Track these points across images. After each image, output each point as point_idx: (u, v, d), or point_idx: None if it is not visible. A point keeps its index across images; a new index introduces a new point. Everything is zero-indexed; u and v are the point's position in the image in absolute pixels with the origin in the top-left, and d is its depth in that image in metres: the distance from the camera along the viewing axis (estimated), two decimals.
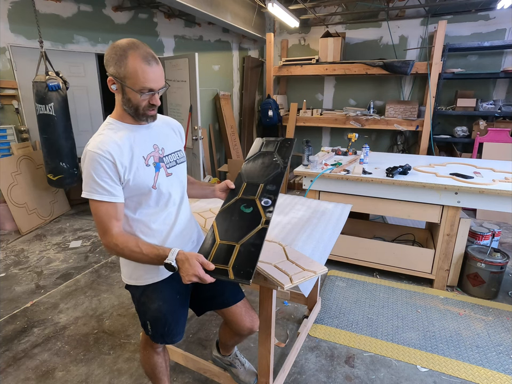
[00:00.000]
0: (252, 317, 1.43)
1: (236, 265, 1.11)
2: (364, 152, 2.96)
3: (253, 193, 1.33)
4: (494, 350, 2.04)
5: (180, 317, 1.35)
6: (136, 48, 1.06)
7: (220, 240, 1.19)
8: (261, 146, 1.55)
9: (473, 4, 4.52)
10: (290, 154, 1.46)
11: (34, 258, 3.14)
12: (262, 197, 1.30)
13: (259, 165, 1.46)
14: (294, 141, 1.52)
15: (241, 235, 1.19)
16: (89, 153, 1.08)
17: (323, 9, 5.38)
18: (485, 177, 2.53)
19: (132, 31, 4.42)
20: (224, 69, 5.88)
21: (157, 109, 1.17)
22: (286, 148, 1.49)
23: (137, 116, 1.15)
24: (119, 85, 1.10)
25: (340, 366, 1.94)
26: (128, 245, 1.10)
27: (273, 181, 1.35)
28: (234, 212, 1.28)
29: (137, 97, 1.10)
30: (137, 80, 1.06)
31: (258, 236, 1.17)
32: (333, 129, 5.95)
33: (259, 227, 1.20)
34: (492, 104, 4.48)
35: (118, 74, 1.08)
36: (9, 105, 3.62)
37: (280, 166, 1.42)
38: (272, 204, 1.27)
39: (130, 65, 1.05)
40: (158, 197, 1.20)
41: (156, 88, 1.10)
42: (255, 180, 1.39)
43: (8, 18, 3.44)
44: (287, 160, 1.43)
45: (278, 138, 1.56)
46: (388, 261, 2.76)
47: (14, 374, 1.87)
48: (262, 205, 1.27)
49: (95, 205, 1.10)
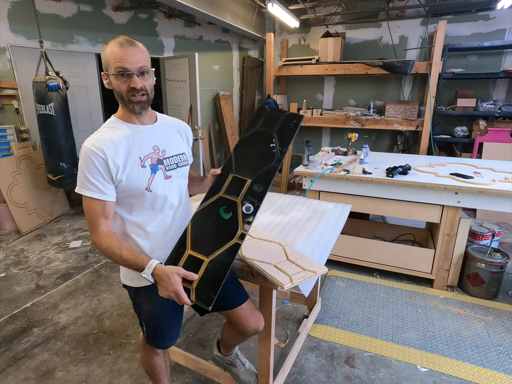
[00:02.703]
0: (257, 318, 1.41)
1: (199, 286, 1.04)
2: (363, 152, 2.96)
3: (237, 192, 1.19)
4: (494, 350, 2.04)
5: (173, 322, 1.33)
6: (116, 38, 1.11)
7: (191, 249, 1.11)
8: (263, 119, 1.33)
9: (473, 4, 4.51)
10: (292, 138, 1.25)
11: (34, 258, 3.14)
12: (245, 200, 1.16)
13: (252, 151, 1.27)
14: (301, 119, 1.29)
15: (212, 248, 1.09)
16: (83, 149, 1.10)
17: (323, 9, 5.38)
18: (485, 177, 2.53)
19: (131, 31, 4.42)
20: (224, 69, 5.88)
21: (146, 96, 1.14)
22: (289, 129, 1.27)
23: (126, 106, 1.15)
24: (106, 77, 1.14)
25: (339, 366, 1.94)
26: (110, 245, 1.10)
27: (262, 179, 1.20)
28: (212, 215, 1.17)
29: (117, 83, 1.10)
30: (112, 62, 1.09)
31: (229, 253, 1.07)
32: (333, 129, 5.95)
33: (232, 242, 1.08)
34: (492, 104, 4.47)
35: (104, 67, 1.13)
36: (9, 105, 3.62)
37: (275, 157, 1.22)
38: (253, 212, 1.13)
39: (107, 51, 1.10)
40: (153, 199, 1.19)
41: (131, 68, 1.08)
42: (243, 172, 1.22)
43: (8, 18, 3.45)
44: (285, 150, 1.23)
45: (284, 112, 1.32)
46: (388, 261, 2.76)
47: (14, 374, 1.87)
48: (242, 212, 1.13)
49: (85, 201, 1.13)
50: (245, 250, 1.43)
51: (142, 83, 1.11)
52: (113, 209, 1.16)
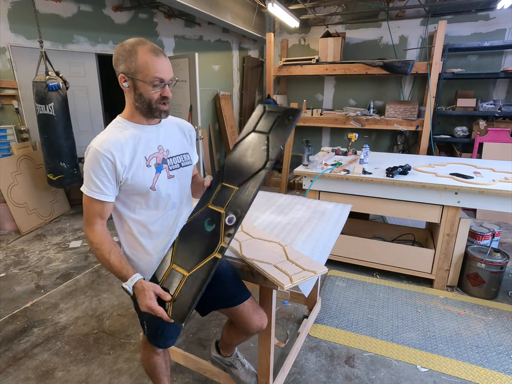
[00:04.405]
0: (261, 315, 1.39)
1: (176, 300, 1.04)
2: (363, 152, 2.96)
3: (223, 202, 1.14)
4: (494, 350, 2.04)
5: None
6: (144, 43, 1.10)
7: (174, 263, 1.11)
8: (258, 120, 1.27)
9: (473, 4, 4.51)
10: (285, 137, 1.16)
11: (34, 258, 3.14)
12: (229, 211, 1.10)
13: (243, 156, 1.21)
14: (297, 114, 1.19)
15: (193, 262, 1.07)
16: (91, 150, 1.11)
17: (323, 9, 5.38)
18: (485, 177, 2.53)
19: (131, 31, 4.42)
20: (224, 69, 5.88)
21: (168, 104, 1.18)
22: (284, 126, 1.19)
23: (150, 112, 1.16)
24: (131, 81, 1.12)
25: (340, 366, 1.94)
26: (101, 247, 1.13)
27: (250, 184, 1.13)
28: (197, 227, 1.15)
29: (149, 90, 1.11)
30: (148, 71, 1.09)
31: (207, 268, 1.03)
32: (333, 129, 5.95)
33: (211, 256, 1.05)
34: (492, 104, 4.47)
35: (128, 70, 1.10)
36: (9, 105, 3.62)
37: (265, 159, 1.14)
38: (236, 223, 1.07)
39: (140, 58, 1.08)
40: (157, 198, 1.20)
41: (166, 79, 1.12)
42: (232, 179, 1.18)
43: (8, 18, 3.45)
44: (276, 150, 1.14)
45: (280, 108, 1.25)
46: (388, 261, 2.76)
47: (14, 374, 1.87)
48: (225, 223, 1.09)
49: (85, 198, 1.14)
50: (245, 250, 1.43)
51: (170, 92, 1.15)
52: (111, 208, 1.19)
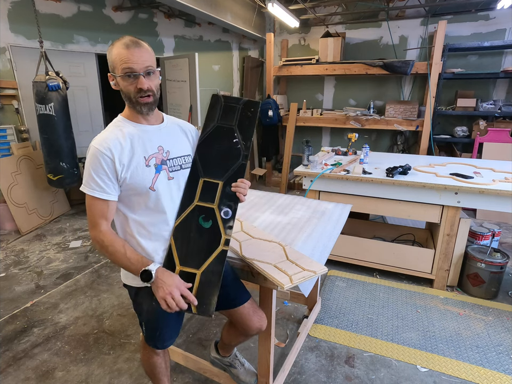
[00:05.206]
0: (260, 317, 1.40)
1: (197, 297, 1.08)
2: (363, 152, 2.96)
3: (211, 197, 1.18)
4: (494, 350, 2.04)
5: (172, 322, 1.33)
6: (120, 39, 1.11)
7: (180, 265, 1.13)
8: (219, 112, 1.26)
9: (473, 4, 4.51)
10: (253, 130, 1.21)
11: (34, 258, 3.14)
12: (222, 205, 1.16)
13: (216, 150, 1.23)
14: (257, 107, 1.24)
15: (201, 260, 1.12)
16: (92, 148, 1.12)
17: (323, 9, 5.38)
18: (485, 177, 2.53)
19: (131, 31, 4.42)
20: (224, 69, 5.88)
21: (152, 97, 1.15)
22: (248, 119, 1.22)
23: (133, 107, 1.16)
24: (115, 79, 1.14)
25: (340, 366, 1.94)
26: (113, 244, 1.13)
27: (234, 178, 1.19)
28: (193, 226, 1.17)
29: (124, 84, 1.12)
30: (118, 64, 1.10)
31: (218, 261, 1.10)
32: (333, 129, 5.95)
33: (219, 249, 1.11)
34: (492, 104, 4.47)
35: (110, 68, 1.14)
36: (9, 105, 3.63)
37: (241, 153, 1.19)
38: (232, 215, 1.14)
39: (113, 54, 1.11)
40: (157, 199, 1.19)
41: (137, 69, 1.09)
42: (212, 174, 1.20)
43: (8, 18, 3.45)
44: (249, 143, 1.20)
45: (239, 100, 1.26)
46: (388, 261, 2.76)
47: (14, 374, 1.87)
48: (221, 217, 1.14)
49: (88, 199, 1.14)
50: (245, 250, 1.43)
51: (149, 83, 1.12)
52: (115, 209, 1.18)
